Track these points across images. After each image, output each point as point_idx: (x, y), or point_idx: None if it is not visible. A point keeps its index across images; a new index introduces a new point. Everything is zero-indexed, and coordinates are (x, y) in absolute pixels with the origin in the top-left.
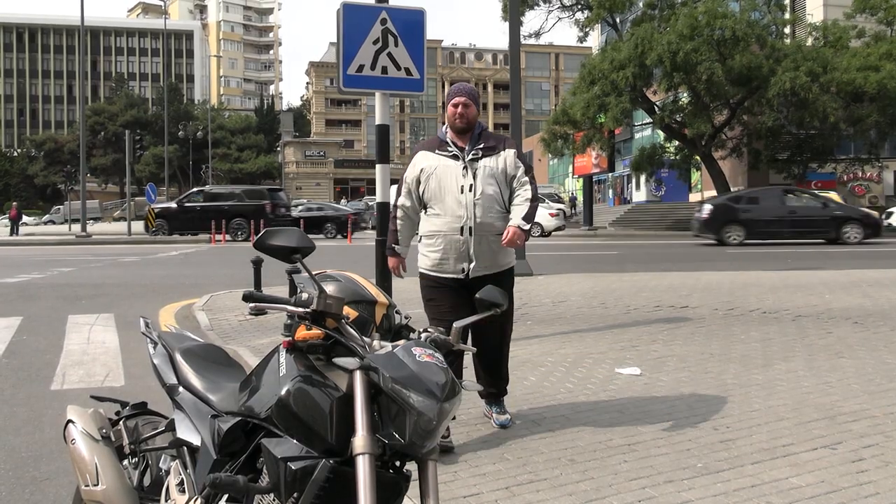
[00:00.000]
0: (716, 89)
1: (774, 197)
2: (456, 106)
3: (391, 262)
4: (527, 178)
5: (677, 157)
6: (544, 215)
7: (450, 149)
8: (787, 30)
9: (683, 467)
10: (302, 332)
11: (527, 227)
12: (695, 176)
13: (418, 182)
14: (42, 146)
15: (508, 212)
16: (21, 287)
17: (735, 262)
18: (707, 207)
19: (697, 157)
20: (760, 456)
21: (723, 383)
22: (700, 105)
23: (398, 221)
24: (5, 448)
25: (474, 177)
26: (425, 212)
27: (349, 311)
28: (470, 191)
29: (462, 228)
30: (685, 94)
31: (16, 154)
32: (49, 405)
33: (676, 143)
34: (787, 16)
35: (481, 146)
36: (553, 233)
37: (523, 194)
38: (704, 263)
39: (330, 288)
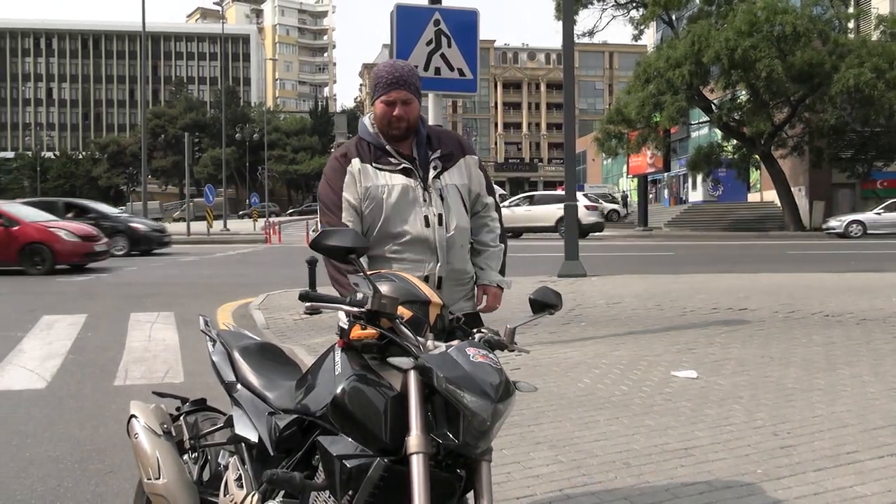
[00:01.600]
0: (776, 87)
1: None
2: (391, 104)
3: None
4: (491, 201)
5: (735, 157)
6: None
7: (393, 161)
8: (850, 24)
9: (742, 473)
10: (357, 332)
11: (508, 286)
12: (754, 175)
13: (360, 207)
14: (105, 149)
15: (470, 244)
16: (86, 285)
17: (795, 263)
18: None
19: (756, 157)
20: (823, 463)
21: (783, 388)
22: (759, 103)
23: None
24: (71, 441)
25: (443, 201)
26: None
27: (403, 311)
28: (440, 224)
29: (427, 279)
30: (743, 92)
31: (81, 156)
32: (112, 400)
33: (734, 141)
34: (850, 10)
35: (438, 154)
36: (591, 233)
37: (491, 230)
38: (763, 265)
39: (384, 288)
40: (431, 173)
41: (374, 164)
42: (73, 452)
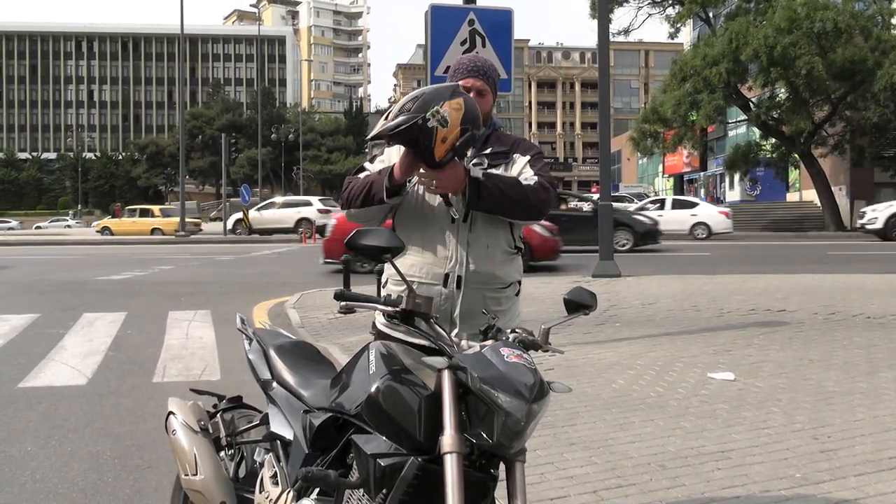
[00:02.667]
0: (816, 84)
1: None
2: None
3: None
4: (533, 177)
5: (774, 155)
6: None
7: None
8: (894, 20)
9: (781, 477)
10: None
11: (475, 174)
12: (793, 175)
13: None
14: (144, 149)
15: (518, 251)
16: (125, 284)
17: (836, 264)
18: None
19: (796, 155)
20: (865, 468)
21: (823, 390)
22: (799, 101)
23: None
24: (111, 436)
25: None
26: None
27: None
28: (464, 221)
29: (446, 277)
30: (783, 90)
31: (120, 157)
32: (151, 397)
33: (773, 140)
34: (894, 5)
35: (488, 151)
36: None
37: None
38: (803, 266)
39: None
40: (468, 167)
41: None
42: (112, 448)
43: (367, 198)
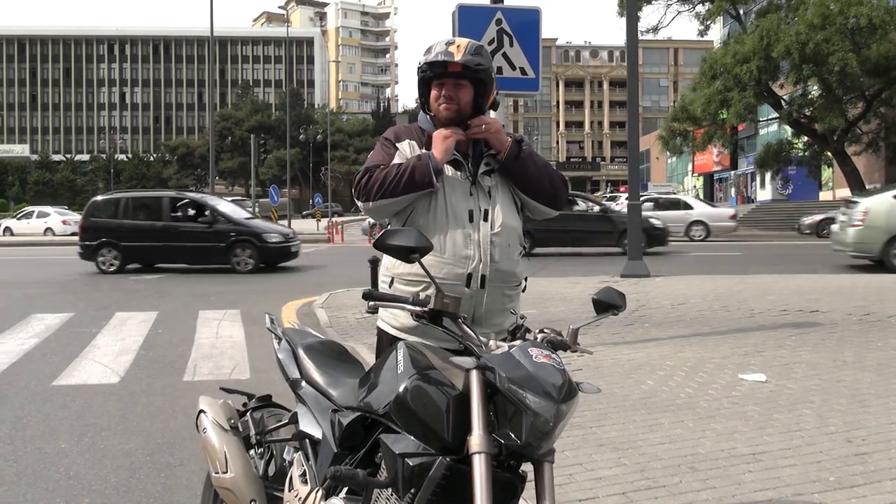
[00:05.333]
0: (850, 81)
1: None
2: (441, 85)
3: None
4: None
5: (806, 154)
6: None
7: None
8: None
9: (813, 480)
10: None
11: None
12: (826, 173)
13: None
14: (175, 151)
15: (524, 248)
16: (156, 283)
17: (869, 265)
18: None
19: (828, 154)
20: None
21: (857, 393)
22: (832, 98)
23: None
24: (143, 434)
25: (490, 197)
26: None
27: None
28: (485, 220)
29: (469, 277)
30: (815, 87)
31: (152, 158)
32: (182, 395)
33: (805, 138)
34: None
35: (493, 152)
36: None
37: None
38: (836, 266)
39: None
40: (482, 168)
41: (425, 151)
42: (144, 445)
43: (409, 184)
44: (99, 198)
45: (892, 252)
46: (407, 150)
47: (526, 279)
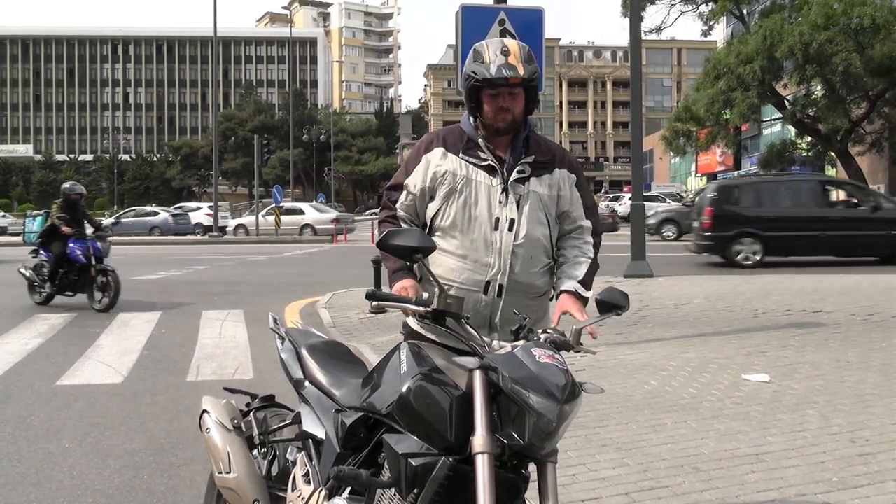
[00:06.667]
0: (853, 81)
1: None
2: (497, 96)
3: (402, 284)
4: (587, 224)
5: (810, 154)
6: None
7: (483, 155)
8: None
9: (817, 481)
10: None
11: (586, 294)
12: (829, 174)
13: (429, 194)
14: (178, 151)
15: (553, 261)
16: (160, 284)
17: (875, 264)
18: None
19: (832, 154)
20: None
21: (861, 393)
22: (835, 98)
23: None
24: (147, 434)
25: (517, 207)
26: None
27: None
28: (510, 229)
29: (488, 285)
30: (819, 88)
31: (155, 159)
32: (185, 395)
33: (809, 138)
34: None
35: (531, 159)
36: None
37: (583, 252)
38: (840, 266)
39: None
40: (514, 176)
41: (461, 154)
42: (147, 445)
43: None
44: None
45: None
46: (433, 160)
47: (554, 289)
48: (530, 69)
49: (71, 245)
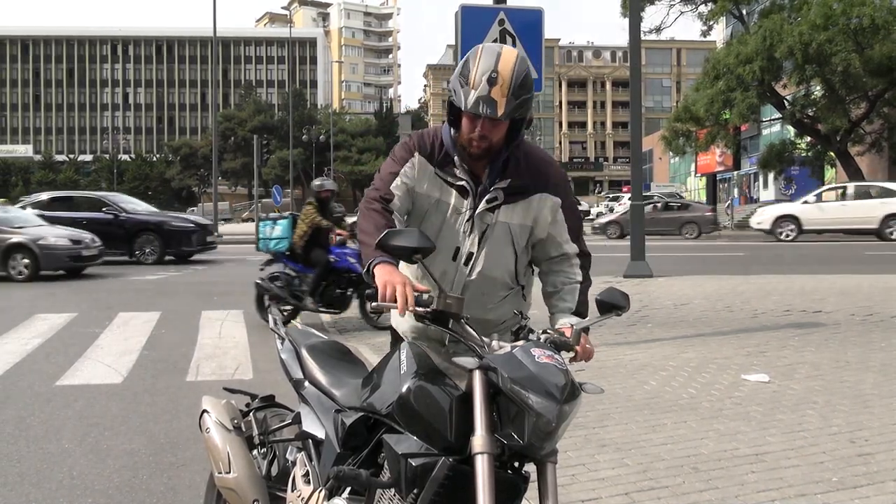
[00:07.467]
0: (853, 81)
1: None
2: (477, 119)
3: (391, 280)
4: (572, 249)
5: (809, 154)
6: None
7: (458, 174)
8: None
9: (816, 481)
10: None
11: (586, 322)
12: (829, 174)
13: (403, 207)
14: (178, 151)
15: (519, 286)
16: (160, 284)
17: (874, 264)
18: None
19: (832, 154)
20: None
21: (860, 393)
22: (835, 98)
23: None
24: (146, 434)
25: (480, 241)
26: None
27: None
28: (465, 263)
29: None
30: (818, 88)
31: (155, 159)
32: (185, 395)
33: (808, 138)
34: None
35: (505, 185)
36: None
37: (570, 281)
38: (839, 266)
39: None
40: (482, 206)
41: (436, 169)
42: (147, 446)
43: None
44: None
45: None
46: (409, 171)
47: (522, 316)
48: (515, 104)
49: (337, 252)
